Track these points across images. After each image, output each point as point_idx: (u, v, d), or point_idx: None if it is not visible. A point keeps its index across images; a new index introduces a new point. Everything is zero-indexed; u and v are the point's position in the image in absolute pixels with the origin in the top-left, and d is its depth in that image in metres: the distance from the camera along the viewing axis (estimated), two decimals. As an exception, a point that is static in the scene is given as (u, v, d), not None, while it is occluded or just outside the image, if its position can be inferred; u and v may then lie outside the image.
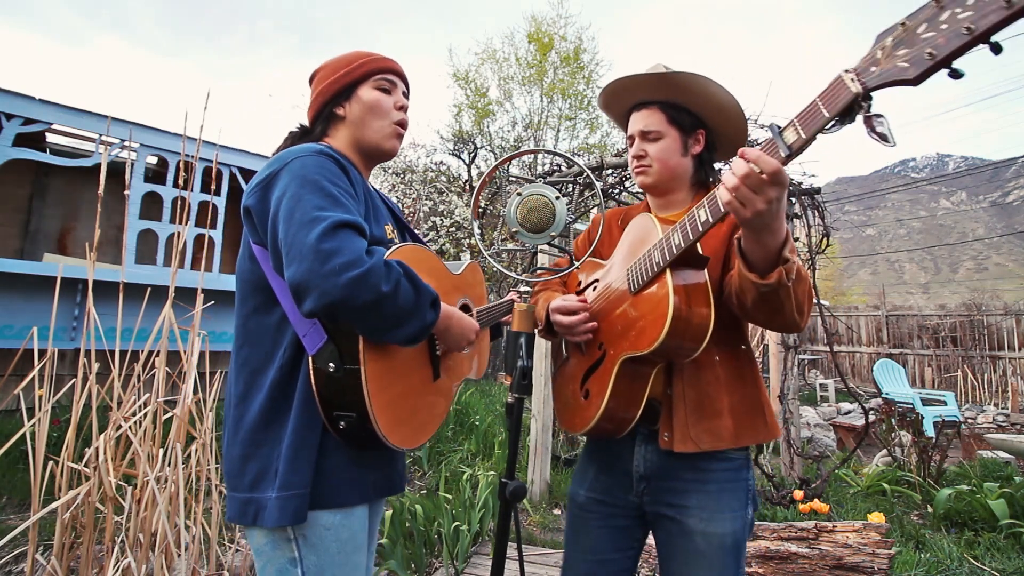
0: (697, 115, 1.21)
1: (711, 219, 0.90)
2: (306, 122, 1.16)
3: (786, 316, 0.97)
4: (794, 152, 0.73)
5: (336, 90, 1.10)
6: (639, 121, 1.23)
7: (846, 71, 0.64)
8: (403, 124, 1.14)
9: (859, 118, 0.63)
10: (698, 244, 1.03)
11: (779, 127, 0.76)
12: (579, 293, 1.34)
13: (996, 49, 0.51)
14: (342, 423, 0.91)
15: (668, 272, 0.99)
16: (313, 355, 0.91)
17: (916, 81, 0.57)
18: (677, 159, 1.21)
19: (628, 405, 1.09)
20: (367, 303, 0.81)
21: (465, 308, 1.24)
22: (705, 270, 1.01)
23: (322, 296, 0.78)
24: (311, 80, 1.15)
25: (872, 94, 0.62)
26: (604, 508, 1.20)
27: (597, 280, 1.28)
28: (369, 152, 1.13)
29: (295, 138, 1.14)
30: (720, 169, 1.32)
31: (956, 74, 0.54)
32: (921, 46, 0.55)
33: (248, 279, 1.00)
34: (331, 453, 0.94)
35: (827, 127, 0.67)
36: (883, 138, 0.60)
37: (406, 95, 1.17)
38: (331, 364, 0.89)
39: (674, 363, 1.10)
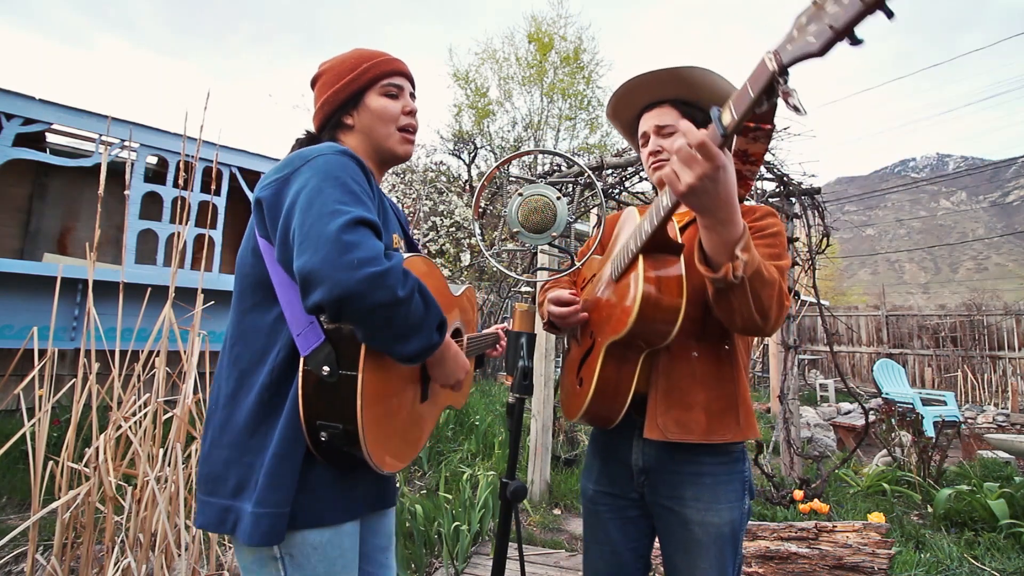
0: (708, 111, 1.22)
1: (669, 203, 0.92)
2: (311, 127, 1.14)
3: (744, 318, 0.97)
4: (729, 133, 0.78)
5: (342, 99, 1.07)
6: (652, 119, 1.23)
7: (767, 52, 0.69)
8: (412, 128, 1.13)
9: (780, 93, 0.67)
10: (675, 232, 1.06)
11: (719, 110, 0.80)
12: (583, 288, 1.38)
13: (889, 14, 0.55)
14: (323, 434, 0.85)
15: (641, 258, 1.02)
16: (306, 356, 0.86)
17: (820, 53, 0.62)
18: None
19: (616, 391, 1.10)
20: (380, 304, 0.76)
21: (457, 332, 1.22)
22: (680, 257, 1.04)
23: (334, 287, 0.73)
24: (313, 84, 1.12)
25: (788, 70, 0.66)
26: (612, 500, 1.22)
27: (595, 274, 1.32)
28: (385, 158, 1.12)
29: (302, 145, 1.11)
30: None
31: (855, 41, 0.59)
32: (825, 20, 0.60)
33: (248, 274, 0.96)
34: (318, 466, 0.89)
35: (756, 107, 0.71)
36: (796, 109, 0.65)
37: (413, 96, 1.15)
38: (325, 367, 0.84)
39: (655, 355, 1.12)
